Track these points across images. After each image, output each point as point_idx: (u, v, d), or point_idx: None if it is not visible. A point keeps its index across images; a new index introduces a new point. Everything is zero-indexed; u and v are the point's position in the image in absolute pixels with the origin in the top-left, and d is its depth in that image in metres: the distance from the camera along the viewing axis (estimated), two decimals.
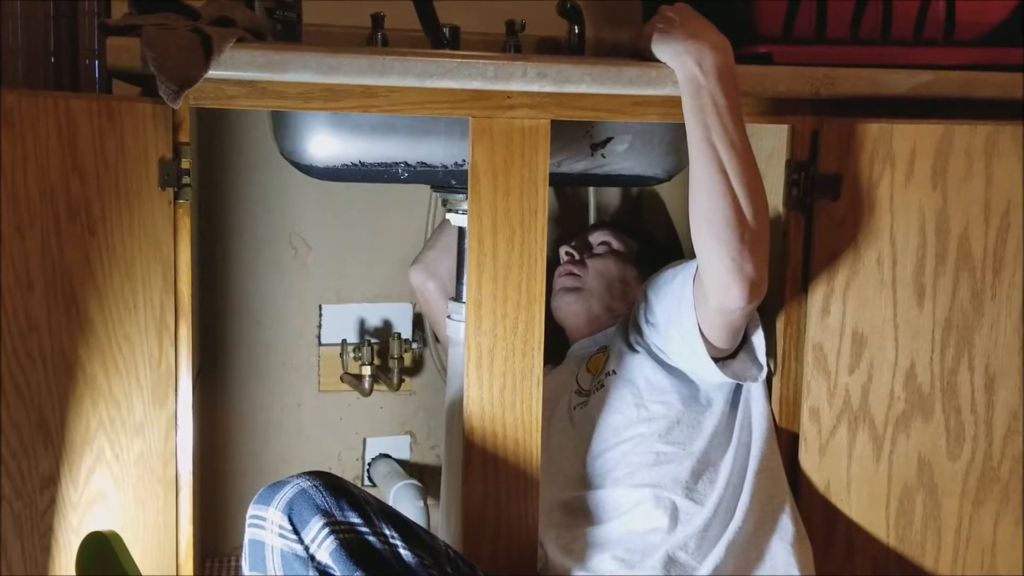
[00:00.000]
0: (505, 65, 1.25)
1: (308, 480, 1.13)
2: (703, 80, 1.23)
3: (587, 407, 1.45)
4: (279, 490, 1.13)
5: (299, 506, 1.11)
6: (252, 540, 1.14)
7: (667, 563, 1.25)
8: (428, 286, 1.69)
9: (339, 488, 1.13)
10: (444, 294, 1.65)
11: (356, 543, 1.10)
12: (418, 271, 1.70)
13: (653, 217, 1.86)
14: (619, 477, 1.35)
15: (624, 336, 1.48)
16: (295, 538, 1.11)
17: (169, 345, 1.23)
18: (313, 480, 1.13)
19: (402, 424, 1.86)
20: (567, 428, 1.47)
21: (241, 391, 1.78)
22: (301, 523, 1.11)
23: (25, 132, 1.08)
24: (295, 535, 1.11)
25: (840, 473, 1.38)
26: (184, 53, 1.15)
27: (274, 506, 1.12)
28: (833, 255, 1.36)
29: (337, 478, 1.15)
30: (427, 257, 1.70)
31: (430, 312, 1.72)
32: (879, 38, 1.38)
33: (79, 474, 1.17)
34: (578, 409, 1.47)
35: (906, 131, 1.33)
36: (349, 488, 1.14)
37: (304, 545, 1.10)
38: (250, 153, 1.72)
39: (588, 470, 1.39)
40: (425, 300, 1.71)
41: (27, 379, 1.11)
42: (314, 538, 1.10)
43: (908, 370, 1.37)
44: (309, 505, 1.11)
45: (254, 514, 1.14)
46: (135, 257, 1.19)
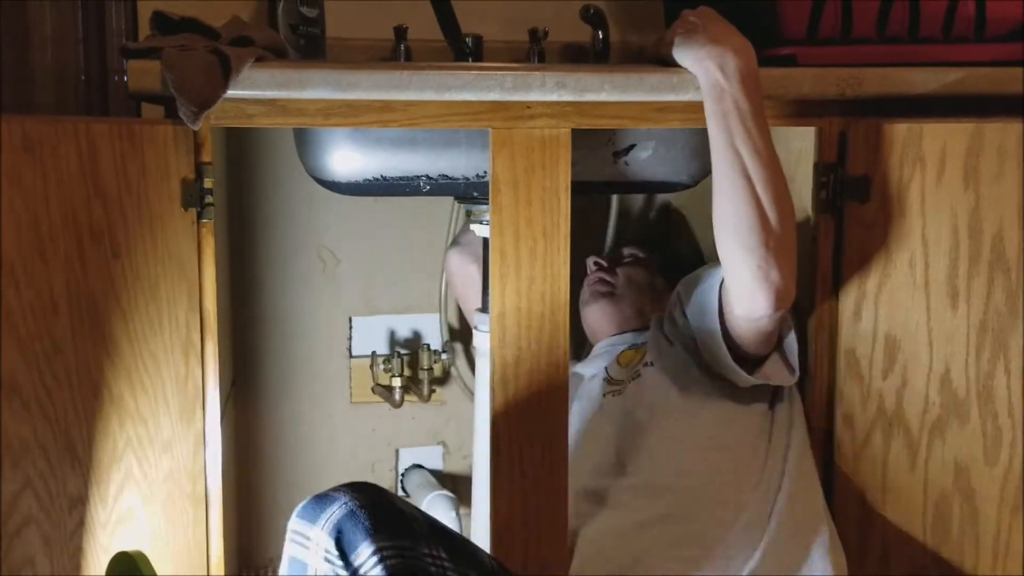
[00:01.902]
0: (523, 75, 1.24)
1: (355, 499, 1.07)
2: (726, 85, 1.21)
3: (622, 396, 1.44)
4: (325, 508, 1.08)
5: (347, 529, 1.05)
6: (293, 558, 1.09)
7: None
8: (469, 270, 1.66)
9: (388, 507, 1.07)
10: None
11: (405, 568, 1.05)
12: (458, 254, 1.67)
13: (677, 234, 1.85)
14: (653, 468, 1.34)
15: (661, 330, 1.47)
16: (341, 564, 1.05)
17: (196, 363, 1.23)
18: (361, 497, 1.07)
19: (434, 434, 1.86)
20: (596, 416, 1.46)
21: (274, 403, 1.80)
22: (350, 548, 1.05)
23: (46, 158, 1.09)
24: (342, 560, 1.05)
25: (875, 480, 1.36)
26: (202, 74, 1.16)
27: (320, 526, 1.07)
28: (864, 258, 1.33)
29: (384, 493, 1.09)
30: (468, 239, 1.67)
31: (468, 297, 1.69)
32: (906, 36, 1.35)
33: (107, 493, 1.18)
34: (610, 396, 1.46)
35: (936, 131, 1.31)
36: (397, 504, 1.09)
37: (351, 571, 1.05)
38: (277, 169, 1.74)
39: (619, 458, 1.37)
40: (464, 283, 1.68)
41: (53, 401, 1.12)
42: (362, 563, 1.05)
43: (943, 374, 1.34)
44: (358, 528, 1.05)
45: (297, 530, 1.09)
46: (159, 277, 1.20)
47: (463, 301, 1.75)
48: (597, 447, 1.41)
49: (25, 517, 1.11)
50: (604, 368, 1.51)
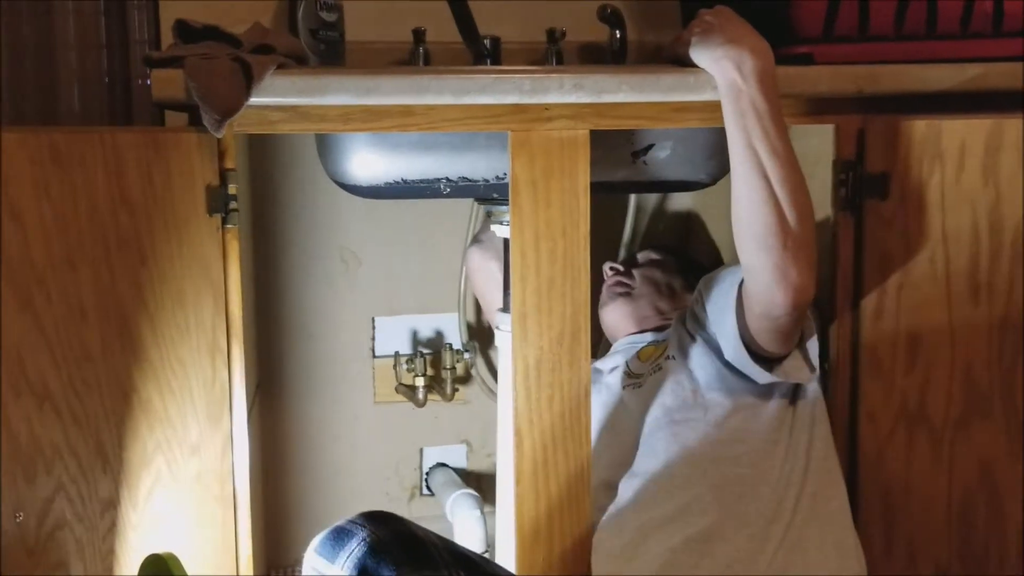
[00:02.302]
0: (541, 78, 1.25)
1: (374, 532, 1.07)
2: (743, 85, 1.22)
3: (641, 388, 1.44)
4: (344, 543, 1.08)
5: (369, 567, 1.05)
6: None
7: None
8: (489, 266, 1.66)
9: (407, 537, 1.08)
10: None
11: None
12: (479, 251, 1.68)
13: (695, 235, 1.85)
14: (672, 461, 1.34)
15: (683, 325, 1.47)
16: None
17: (222, 366, 1.25)
18: (380, 530, 1.07)
19: (457, 433, 1.87)
20: (615, 409, 1.46)
21: (299, 404, 1.81)
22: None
23: (74, 168, 1.11)
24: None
25: (899, 477, 1.36)
26: (225, 83, 1.18)
27: (339, 565, 1.07)
28: (884, 255, 1.33)
29: (401, 522, 1.09)
30: (487, 237, 1.68)
31: (490, 294, 1.69)
32: (924, 33, 1.35)
33: (138, 496, 1.20)
34: (629, 389, 1.47)
35: (955, 127, 1.30)
36: (416, 533, 1.08)
37: None
38: (299, 172, 1.75)
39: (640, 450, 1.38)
40: (484, 281, 1.69)
41: (84, 406, 1.14)
42: None
43: (965, 371, 1.34)
44: (380, 565, 1.05)
45: (316, 567, 1.09)
46: (185, 282, 1.21)
47: (483, 298, 1.75)
48: (616, 440, 1.41)
49: (58, 521, 1.13)
50: (624, 362, 1.52)
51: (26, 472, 1.10)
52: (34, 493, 1.11)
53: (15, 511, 1.09)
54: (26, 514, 1.10)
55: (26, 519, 1.10)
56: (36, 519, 1.11)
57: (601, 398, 1.48)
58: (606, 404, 1.47)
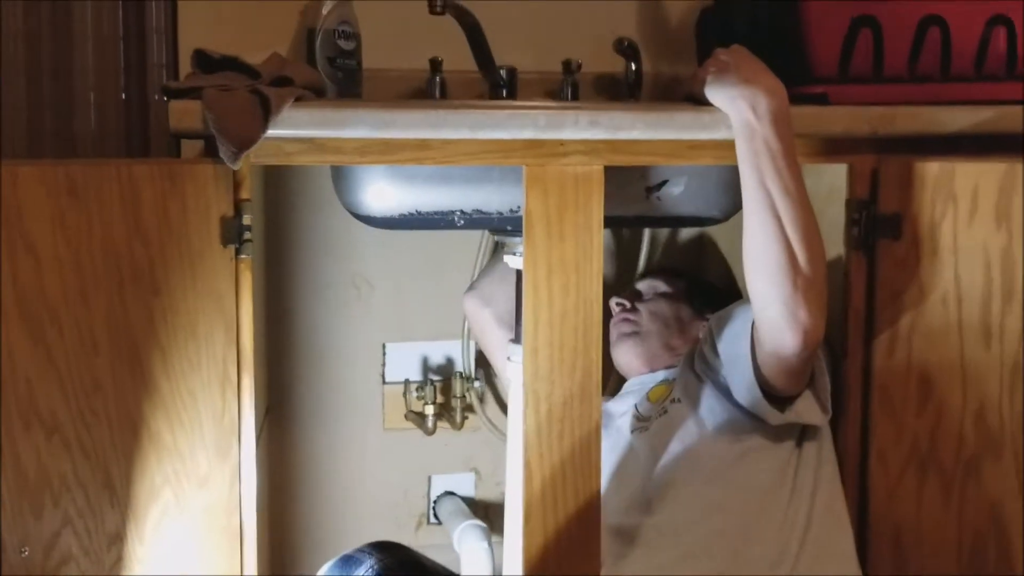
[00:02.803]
0: (557, 114, 1.25)
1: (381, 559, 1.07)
2: (757, 125, 1.22)
3: (648, 432, 1.44)
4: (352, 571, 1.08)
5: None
6: None
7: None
8: (483, 314, 1.67)
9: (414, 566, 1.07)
10: (499, 321, 1.64)
11: None
12: (472, 298, 1.69)
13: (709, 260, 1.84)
14: (677, 505, 1.34)
15: (691, 366, 1.46)
16: None
17: (232, 398, 1.25)
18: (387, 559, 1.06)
19: (466, 461, 1.87)
20: (624, 453, 1.46)
21: (308, 429, 1.81)
22: None
23: (90, 200, 1.12)
24: None
25: (909, 518, 1.35)
26: (243, 115, 1.18)
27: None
28: (896, 295, 1.33)
29: (408, 552, 1.10)
30: (482, 284, 1.69)
31: (484, 340, 1.72)
32: (938, 75, 1.35)
33: (145, 529, 1.19)
34: (638, 433, 1.46)
35: (968, 169, 1.30)
36: (422, 563, 1.09)
37: None
38: (313, 199, 1.75)
39: (646, 496, 1.37)
40: (480, 329, 1.71)
41: (93, 439, 1.14)
42: None
43: (977, 412, 1.34)
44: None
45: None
46: (198, 314, 1.21)
47: (480, 343, 1.76)
48: (625, 485, 1.41)
49: (64, 555, 1.12)
50: (634, 405, 1.52)
51: (33, 505, 1.10)
52: (41, 527, 1.10)
53: (21, 545, 1.09)
54: (32, 548, 1.10)
55: (32, 553, 1.10)
56: (42, 553, 1.11)
57: (611, 442, 1.47)
58: (615, 447, 1.47)
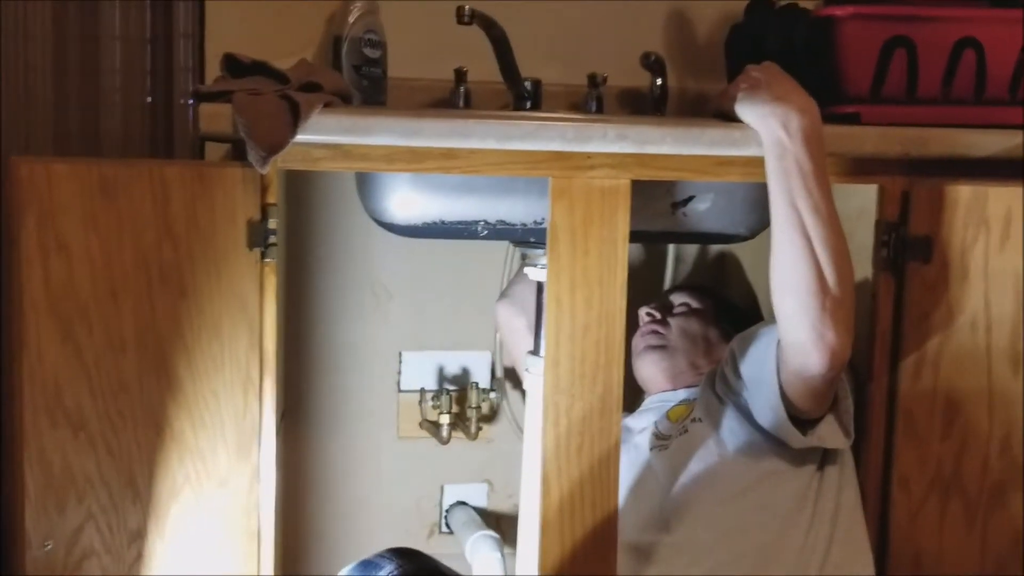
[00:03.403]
0: (584, 127, 1.25)
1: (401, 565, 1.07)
2: (788, 143, 1.21)
3: (668, 450, 1.43)
4: None
5: None
6: None
7: None
8: (516, 322, 1.66)
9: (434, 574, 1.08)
10: (531, 331, 1.62)
11: None
12: (507, 306, 1.68)
13: (732, 279, 1.84)
14: (696, 526, 1.33)
15: (711, 387, 1.45)
16: None
17: (254, 400, 1.25)
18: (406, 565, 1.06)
19: (479, 472, 1.86)
20: (643, 471, 1.45)
21: (322, 436, 1.81)
22: None
23: (121, 200, 1.12)
24: None
25: (931, 544, 1.34)
26: (272, 120, 1.18)
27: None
28: (925, 319, 1.32)
29: (428, 560, 1.10)
30: (516, 292, 1.68)
31: (517, 349, 1.70)
32: (972, 98, 1.34)
33: (165, 527, 1.19)
34: (657, 451, 1.45)
35: (1001, 194, 1.30)
36: (442, 570, 1.09)
37: None
38: (335, 205, 1.75)
39: (663, 514, 1.37)
40: (512, 336, 1.69)
41: (117, 437, 1.14)
42: None
43: (1003, 439, 1.33)
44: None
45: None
46: (223, 316, 1.21)
47: (509, 352, 1.75)
48: (642, 502, 1.40)
49: (86, 550, 1.13)
50: (653, 423, 1.51)
51: (58, 501, 1.10)
52: (64, 522, 1.11)
53: (44, 539, 1.09)
54: (55, 543, 1.10)
55: (55, 547, 1.10)
56: (65, 548, 1.11)
57: (629, 458, 1.46)
58: (633, 465, 1.46)
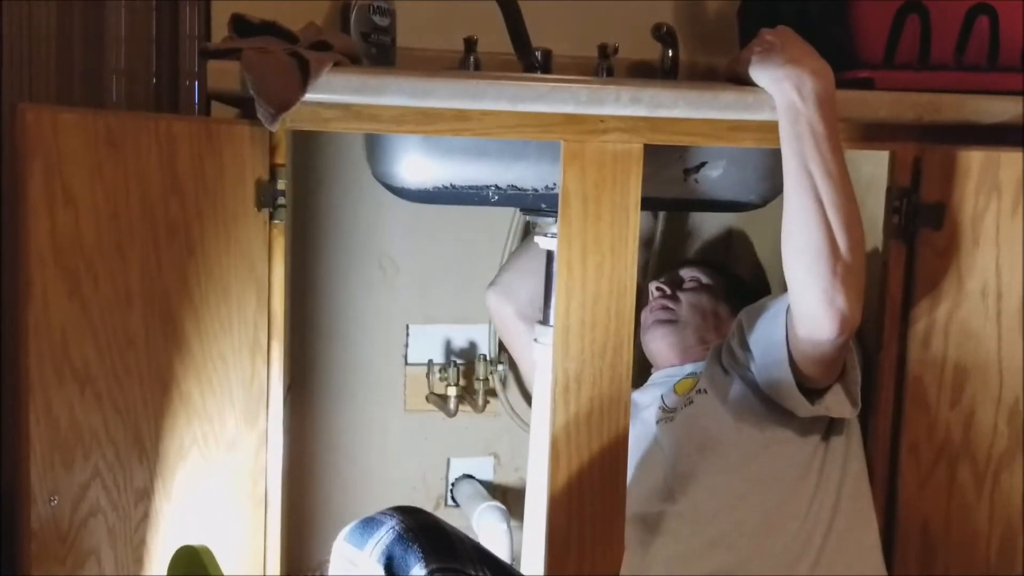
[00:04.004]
0: (598, 89, 1.24)
1: (403, 521, 1.06)
2: (802, 107, 1.20)
3: (673, 423, 1.43)
4: (373, 532, 1.07)
5: (398, 555, 1.04)
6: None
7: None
8: (505, 310, 1.67)
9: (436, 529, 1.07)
10: (521, 317, 1.63)
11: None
12: (495, 293, 1.69)
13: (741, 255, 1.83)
14: (700, 495, 1.33)
15: (718, 360, 1.45)
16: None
17: (262, 364, 1.24)
18: (408, 520, 1.06)
19: (486, 445, 1.86)
20: (649, 444, 1.45)
21: (329, 408, 1.80)
22: (400, 572, 1.04)
23: (127, 153, 1.11)
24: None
25: (939, 511, 1.34)
26: (282, 77, 1.17)
27: (368, 551, 1.06)
28: (935, 286, 1.32)
29: (430, 515, 1.09)
30: (504, 280, 1.69)
31: (507, 335, 1.72)
32: (985, 64, 1.34)
33: (172, 488, 1.19)
34: (663, 424, 1.45)
35: (1013, 160, 1.29)
36: (444, 527, 1.08)
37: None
38: (344, 175, 1.75)
39: (668, 485, 1.36)
40: (502, 323, 1.70)
41: (124, 394, 1.13)
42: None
43: (1012, 406, 1.32)
44: (409, 552, 1.04)
45: (344, 554, 1.08)
46: (231, 277, 1.21)
47: (502, 337, 1.75)
48: (649, 474, 1.40)
49: (92, 508, 1.12)
50: (660, 396, 1.50)
51: (64, 457, 1.09)
52: (71, 478, 1.10)
53: (51, 495, 1.08)
54: (61, 499, 1.09)
55: (61, 504, 1.09)
56: (71, 504, 1.10)
57: (635, 433, 1.45)
58: (640, 439, 1.45)
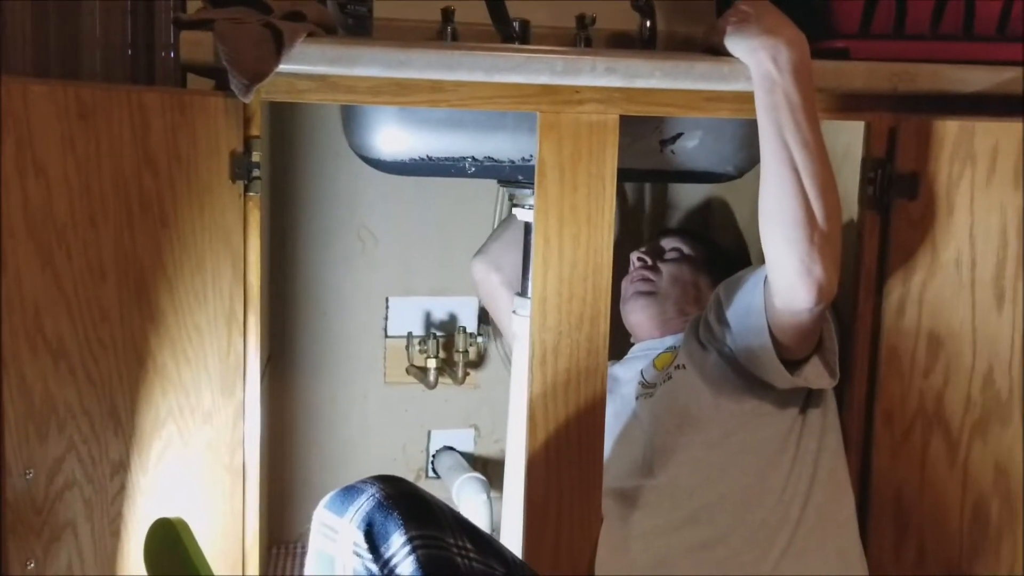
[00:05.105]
0: (574, 60, 1.24)
1: (383, 489, 1.06)
2: (777, 77, 1.20)
3: (652, 398, 1.44)
4: (353, 499, 1.06)
5: (378, 521, 1.04)
6: (321, 552, 1.07)
7: None
8: (492, 278, 1.68)
9: (415, 497, 1.07)
10: (508, 287, 1.63)
11: (434, 558, 1.04)
12: (481, 263, 1.69)
13: (721, 224, 1.83)
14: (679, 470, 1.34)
15: (695, 334, 1.46)
16: (371, 557, 1.03)
17: (238, 335, 1.24)
18: (388, 488, 1.06)
19: (466, 417, 1.86)
20: (628, 419, 1.45)
21: (308, 381, 1.81)
22: (381, 539, 1.03)
23: (99, 124, 1.10)
24: (371, 553, 1.03)
25: (913, 479, 1.35)
26: (255, 48, 1.16)
27: (348, 518, 1.05)
28: (909, 256, 1.32)
29: (410, 485, 1.09)
30: (491, 249, 1.69)
31: (493, 305, 1.72)
32: (961, 34, 1.34)
33: (149, 460, 1.19)
34: (642, 399, 1.46)
35: (988, 129, 1.29)
36: (423, 495, 1.08)
37: (381, 563, 1.03)
38: (321, 147, 1.74)
39: (647, 460, 1.37)
40: (488, 292, 1.70)
41: (99, 367, 1.13)
42: (394, 554, 1.03)
43: (985, 375, 1.33)
44: (389, 519, 1.04)
45: (324, 522, 1.07)
46: (205, 249, 1.20)
47: (488, 307, 1.75)
48: (627, 449, 1.41)
49: (68, 480, 1.12)
50: (639, 371, 1.51)
51: (38, 430, 1.09)
52: (45, 451, 1.09)
53: (26, 468, 1.08)
54: (36, 471, 1.09)
55: (36, 476, 1.09)
56: (46, 477, 1.10)
57: (615, 408, 1.46)
58: (619, 414, 1.46)
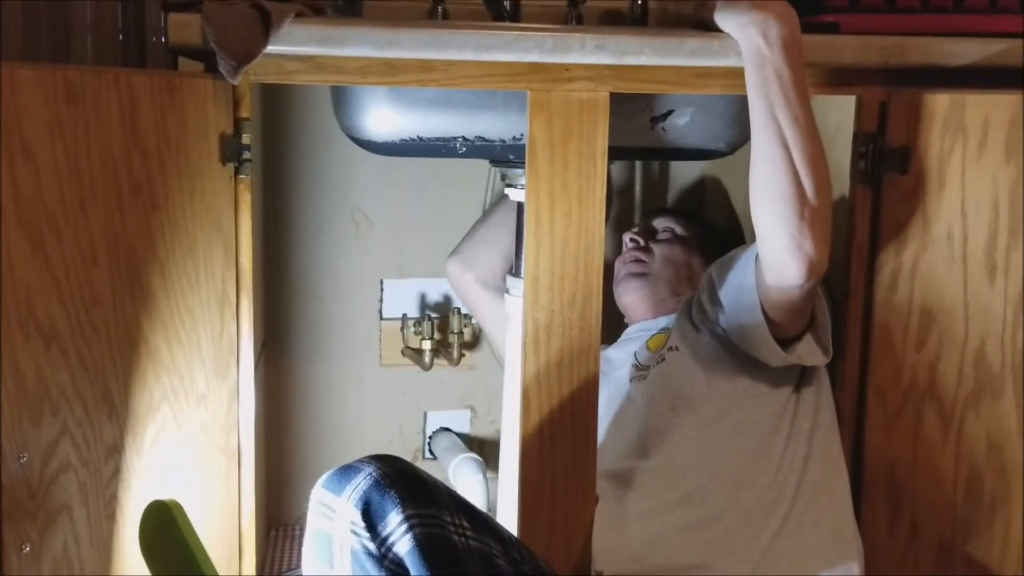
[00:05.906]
0: (563, 37, 1.23)
1: (380, 468, 1.05)
2: (767, 52, 1.20)
3: (646, 380, 1.44)
4: (350, 478, 1.05)
5: (375, 500, 1.03)
6: (318, 531, 1.07)
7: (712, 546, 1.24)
8: (466, 277, 1.69)
9: (412, 476, 1.06)
10: (481, 285, 1.65)
11: (432, 536, 1.04)
12: (455, 262, 1.70)
13: (715, 203, 1.83)
14: (673, 450, 1.34)
15: (688, 315, 1.46)
16: (368, 536, 1.03)
17: (231, 318, 1.25)
18: (385, 467, 1.06)
19: (462, 398, 1.87)
20: (622, 401, 1.46)
21: (304, 364, 1.81)
22: (378, 517, 1.03)
23: (88, 108, 1.10)
24: (368, 532, 1.03)
25: (906, 453, 1.35)
26: (243, 29, 1.16)
27: (345, 497, 1.05)
28: (901, 230, 1.32)
29: (407, 464, 1.09)
30: (463, 248, 1.70)
31: (470, 304, 1.73)
32: (951, 6, 1.33)
33: (143, 444, 1.19)
34: (636, 382, 1.46)
35: (979, 102, 1.29)
36: (420, 474, 1.09)
37: (378, 541, 1.03)
38: (314, 129, 1.74)
39: (641, 441, 1.38)
40: (464, 291, 1.71)
41: (91, 351, 1.13)
42: (391, 532, 1.03)
43: (978, 349, 1.33)
44: (386, 498, 1.03)
45: (322, 501, 1.07)
46: (197, 232, 1.20)
47: (466, 305, 1.76)
48: (621, 431, 1.41)
49: (62, 464, 1.12)
50: (633, 353, 1.51)
51: (32, 413, 1.09)
52: (39, 435, 1.10)
53: (20, 452, 1.08)
54: (30, 455, 1.09)
55: (30, 460, 1.09)
56: (40, 461, 1.10)
57: (609, 391, 1.46)
58: (613, 397, 1.47)
